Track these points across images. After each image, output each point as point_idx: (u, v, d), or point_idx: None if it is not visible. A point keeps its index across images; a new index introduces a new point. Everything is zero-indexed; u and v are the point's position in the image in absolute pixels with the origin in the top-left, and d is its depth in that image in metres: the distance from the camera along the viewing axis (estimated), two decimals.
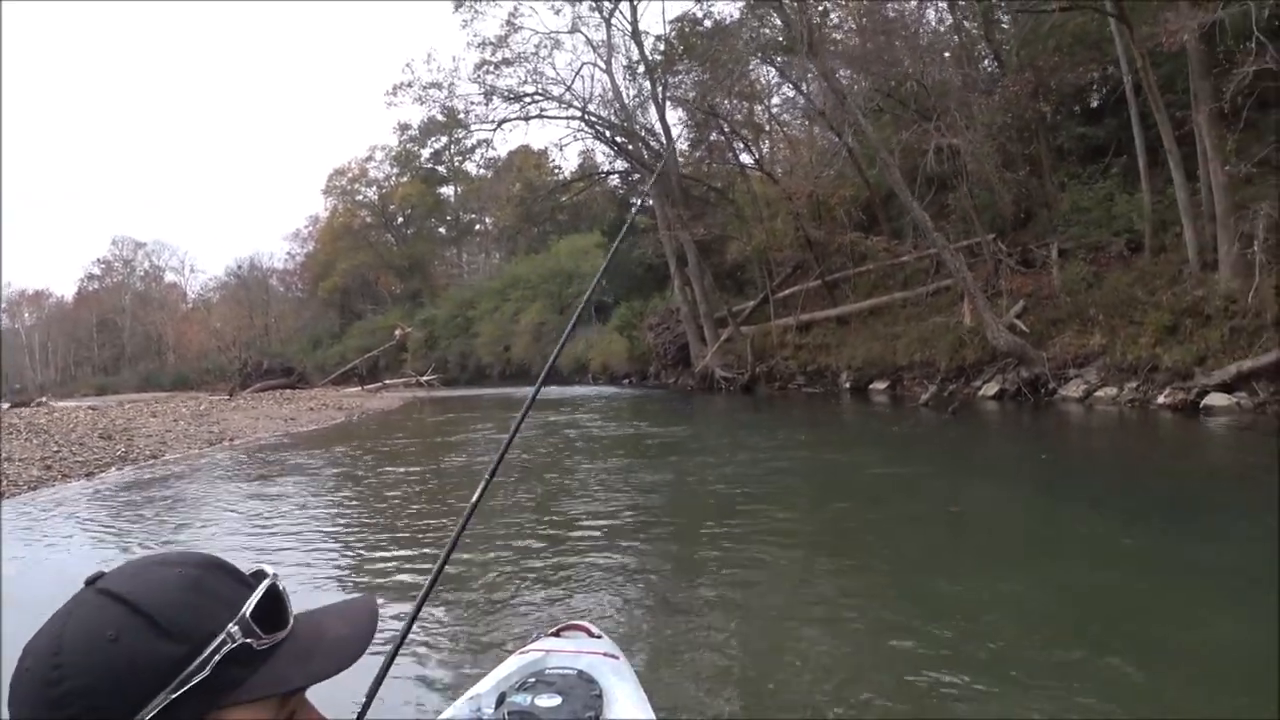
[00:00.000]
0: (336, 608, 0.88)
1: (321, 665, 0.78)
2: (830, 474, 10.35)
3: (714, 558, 6.27)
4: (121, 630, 0.70)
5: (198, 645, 0.72)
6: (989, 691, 3.65)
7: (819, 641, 4.48)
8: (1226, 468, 9.88)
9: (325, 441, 16.56)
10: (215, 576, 0.77)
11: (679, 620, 4.92)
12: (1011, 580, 5.43)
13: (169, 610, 0.72)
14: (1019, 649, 4.19)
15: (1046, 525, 7.07)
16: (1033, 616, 4.70)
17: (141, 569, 0.77)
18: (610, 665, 2.27)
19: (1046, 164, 20.87)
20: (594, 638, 2.53)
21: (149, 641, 0.70)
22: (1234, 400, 12.29)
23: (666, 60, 27.03)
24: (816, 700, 3.69)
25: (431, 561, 5.71)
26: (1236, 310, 13.19)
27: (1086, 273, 17.24)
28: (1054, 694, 3.60)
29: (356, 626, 0.84)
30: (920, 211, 16.66)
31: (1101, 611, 4.70)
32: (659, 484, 9.99)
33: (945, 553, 6.29)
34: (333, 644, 0.81)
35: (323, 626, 0.83)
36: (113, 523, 8.81)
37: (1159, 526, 6.73)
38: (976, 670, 3.86)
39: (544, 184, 36.78)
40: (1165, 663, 3.94)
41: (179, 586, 0.74)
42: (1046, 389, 15.79)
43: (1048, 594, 5.12)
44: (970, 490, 8.82)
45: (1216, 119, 13.68)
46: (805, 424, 16.69)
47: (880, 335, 21.31)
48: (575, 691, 2.06)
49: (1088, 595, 5.04)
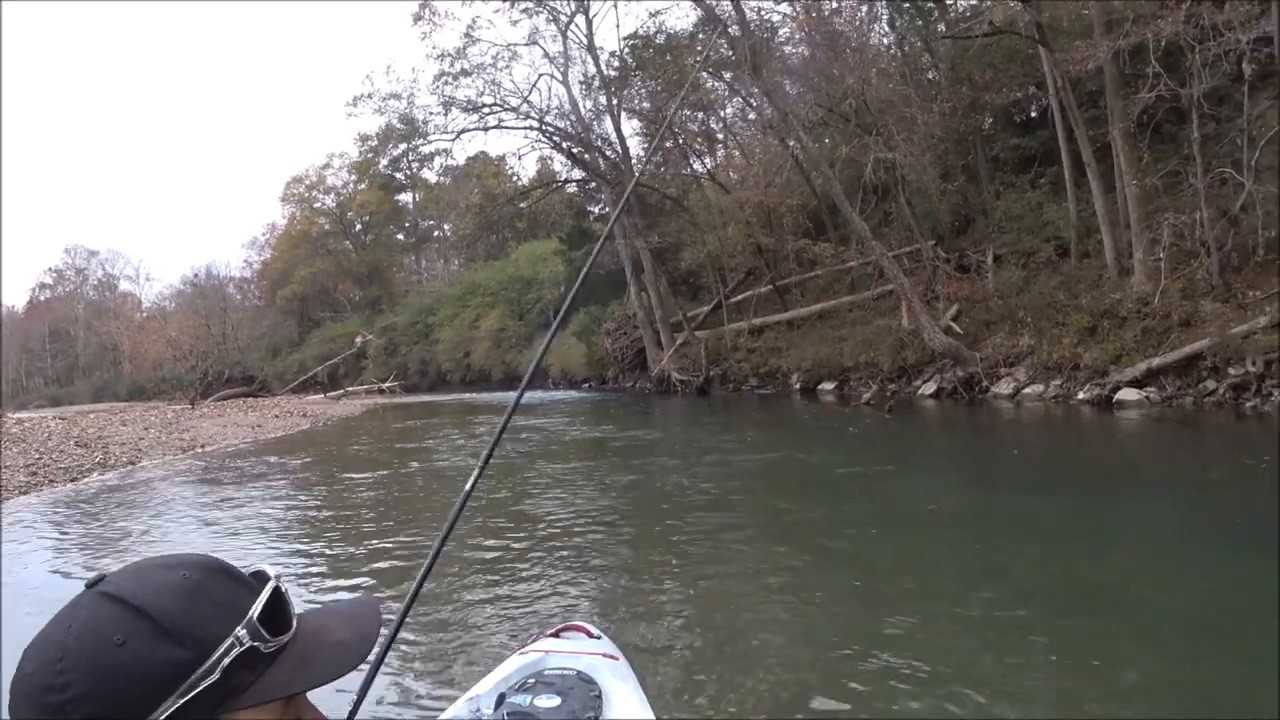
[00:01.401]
0: (338, 609, 0.89)
1: (326, 668, 0.79)
2: (783, 470, 10.91)
3: (683, 552, 6.52)
4: (128, 634, 0.70)
5: (206, 649, 0.72)
6: (960, 643, 4.32)
7: (784, 631, 4.78)
8: (1135, 454, 10.96)
9: (295, 447, 17.05)
10: (218, 579, 0.78)
11: (644, 610, 5.18)
12: (968, 555, 6.23)
13: (175, 614, 0.72)
14: (984, 611, 4.85)
15: (983, 508, 7.90)
16: (988, 584, 5.35)
17: (144, 572, 0.77)
18: (609, 666, 2.29)
19: (984, 173, 22.00)
20: (593, 638, 2.55)
21: (156, 645, 0.70)
22: (1144, 395, 13.35)
23: (621, 78, 27.84)
24: (813, 696, 3.80)
25: (420, 556, 6.30)
26: (1148, 312, 14.27)
27: (1018, 277, 18.30)
28: (1010, 640, 4.33)
29: (360, 629, 0.85)
30: (860, 222, 17.62)
31: (1042, 574, 5.56)
32: (626, 484, 10.35)
33: (897, 538, 6.82)
34: (336, 647, 0.81)
35: (325, 629, 0.83)
36: (105, 524, 9.25)
37: (1080, 503, 7.66)
38: (947, 632, 4.48)
39: (503, 192, 37.31)
40: (1107, 613, 4.74)
41: (184, 590, 0.74)
42: (980, 387, 16.75)
43: (995, 562, 5.93)
44: (913, 481, 9.56)
45: (1129, 135, 14.79)
46: (759, 424, 17.42)
47: (828, 338, 22.20)
48: (575, 692, 2.07)
49: (1026, 563, 5.86)
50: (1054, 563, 5.81)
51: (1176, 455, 10.38)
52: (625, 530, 7.70)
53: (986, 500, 8.24)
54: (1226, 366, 12.65)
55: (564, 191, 34.71)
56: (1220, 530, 6.35)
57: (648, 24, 28.31)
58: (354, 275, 58.20)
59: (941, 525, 7.14)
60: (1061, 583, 5.34)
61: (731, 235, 25.45)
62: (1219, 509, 7.07)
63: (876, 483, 9.37)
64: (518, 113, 29.28)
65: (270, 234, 62.86)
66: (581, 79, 30.01)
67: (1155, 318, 14.09)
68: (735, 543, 6.76)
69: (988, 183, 21.81)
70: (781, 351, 23.89)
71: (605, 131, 30.17)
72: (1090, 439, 12.33)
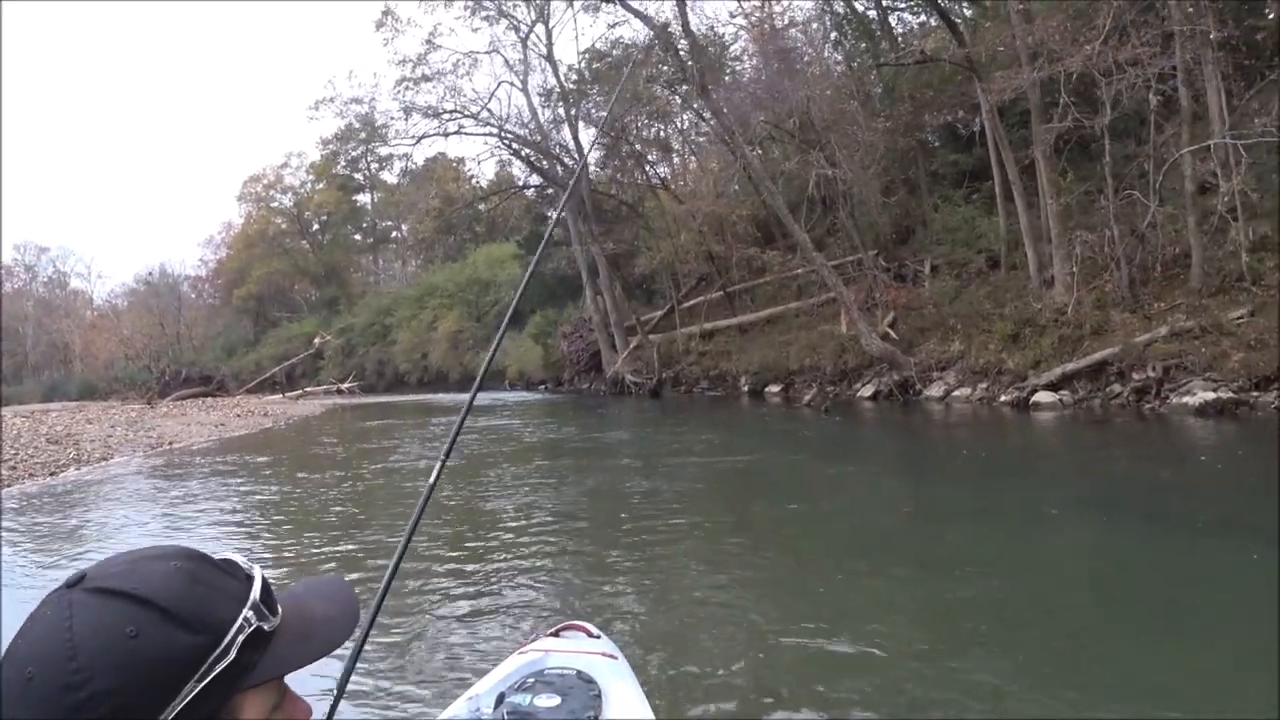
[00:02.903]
0: (310, 587, 0.91)
1: (320, 644, 0.83)
2: (742, 470, 11.50)
3: (643, 544, 6.86)
4: (140, 625, 0.72)
5: (217, 633, 0.75)
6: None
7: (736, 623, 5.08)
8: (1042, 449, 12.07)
9: (260, 445, 17.62)
10: (205, 567, 0.80)
11: (604, 605, 5.38)
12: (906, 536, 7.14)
13: (182, 602, 0.74)
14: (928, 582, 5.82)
15: (911, 498, 8.87)
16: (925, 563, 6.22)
17: (135, 565, 0.78)
18: (609, 665, 2.30)
19: (924, 186, 23.18)
20: (593, 638, 2.57)
21: (170, 634, 0.72)
22: (1057, 397, 14.46)
23: (578, 91, 28.69)
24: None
25: (385, 546, 6.89)
26: (1064, 321, 15.41)
27: (952, 287, 19.44)
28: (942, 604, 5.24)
29: (341, 605, 0.88)
30: (801, 234, 18.60)
31: (959, 548, 6.47)
32: (585, 483, 10.69)
33: (846, 527, 7.52)
34: (325, 622, 0.85)
35: (307, 607, 0.86)
36: (90, 516, 9.77)
37: (994, 488, 8.78)
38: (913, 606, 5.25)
39: (461, 196, 37.88)
40: (1013, 573, 5.72)
41: (181, 579, 0.76)
42: (913, 390, 17.80)
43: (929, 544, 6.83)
44: (852, 475, 10.50)
45: (1049, 157, 15.95)
46: (709, 424, 18.13)
47: (775, 342, 23.15)
48: (574, 692, 2.08)
49: (949, 541, 6.75)
50: (975, 536, 6.80)
51: (1076, 450, 11.53)
52: (589, 528, 7.93)
53: (923, 491, 9.26)
54: (1131, 372, 13.79)
55: (523, 196, 35.43)
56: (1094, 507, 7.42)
57: (605, 35, 29.17)
58: (311, 275, 58.18)
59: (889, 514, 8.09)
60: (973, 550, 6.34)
61: (684, 243, 26.40)
62: (1093, 490, 8.27)
63: (820, 480, 10.16)
64: (478, 119, 29.98)
65: (226, 233, 62.59)
66: (541, 88, 30.82)
67: (1070, 326, 15.23)
68: (697, 538, 7.16)
69: (927, 196, 22.97)
70: (731, 355, 24.78)
71: (564, 139, 31.02)
72: (1007, 437, 13.37)
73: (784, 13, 27.12)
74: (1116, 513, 7.22)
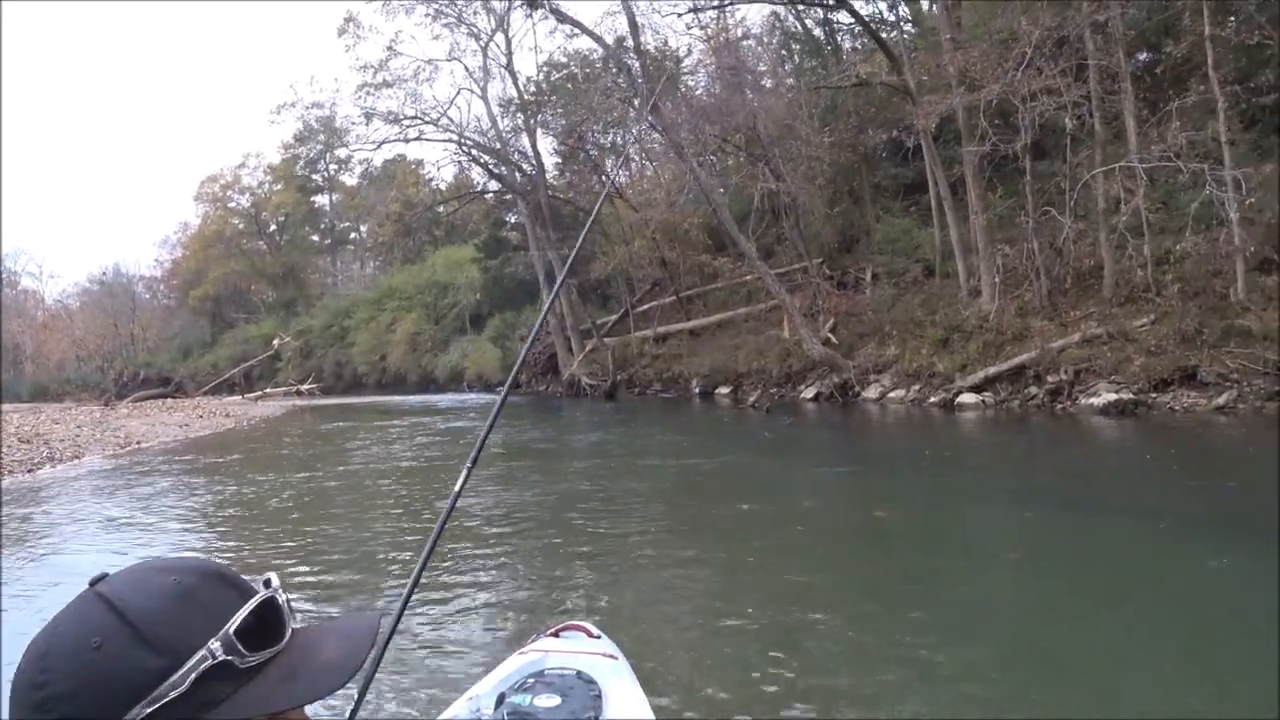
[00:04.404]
0: (337, 626, 0.88)
1: (307, 688, 0.78)
2: (682, 464, 12.38)
3: (633, 546, 7.06)
4: (106, 637, 0.71)
5: (179, 659, 0.72)
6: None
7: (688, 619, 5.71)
8: (973, 445, 13.14)
9: (225, 444, 18.18)
10: (212, 587, 0.78)
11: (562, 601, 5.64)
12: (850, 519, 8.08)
13: (154, 620, 0.73)
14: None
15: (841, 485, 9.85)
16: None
17: (136, 574, 0.78)
18: (609, 666, 2.31)
19: (867, 197, 24.33)
20: (593, 638, 2.56)
21: (131, 651, 0.71)
22: (980, 399, 15.58)
23: (536, 103, 29.50)
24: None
25: (369, 542, 7.55)
26: (989, 327, 16.56)
27: (890, 294, 20.57)
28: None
29: (351, 648, 0.83)
30: (746, 244, 19.61)
31: (891, 535, 7.45)
32: (555, 483, 10.88)
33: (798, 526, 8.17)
34: (322, 666, 0.80)
35: (318, 646, 0.83)
36: (82, 510, 10.25)
37: (920, 480, 9.80)
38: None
39: (421, 200, 38.40)
40: (946, 553, 6.66)
41: (170, 595, 0.75)
42: (853, 391, 18.85)
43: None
44: (792, 470, 11.49)
45: (976, 175, 17.10)
46: (663, 426, 18.83)
47: (725, 346, 24.09)
48: (574, 692, 2.08)
49: (877, 526, 7.79)
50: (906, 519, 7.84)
51: (995, 447, 12.66)
52: (579, 527, 8.05)
53: (880, 487, 10.27)
54: (1046, 375, 14.94)
55: (483, 201, 36.03)
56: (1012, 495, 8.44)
57: (563, 45, 29.98)
58: (268, 276, 57.98)
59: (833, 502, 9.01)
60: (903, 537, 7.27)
61: (639, 249, 27.31)
62: (1011, 480, 9.49)
63: (793, 479, 10.93)
64: (438, 126, 30.64)
65: (183, 233, 62.07)
66: (500, 98, 31.56)
67: (994, 333, 16.38)
68: (676, 536, 7.56)
69: (870, 206, 24.12)
70: (683, 358, 25.64)
71: (523, 146, 31.76)
72: (936, 435, 14.42)
73: (738, 25, 28.18)
74: (1033, 499, 8.29)
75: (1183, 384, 13.21)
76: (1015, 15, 15.32)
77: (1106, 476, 9.58)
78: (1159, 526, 6.68)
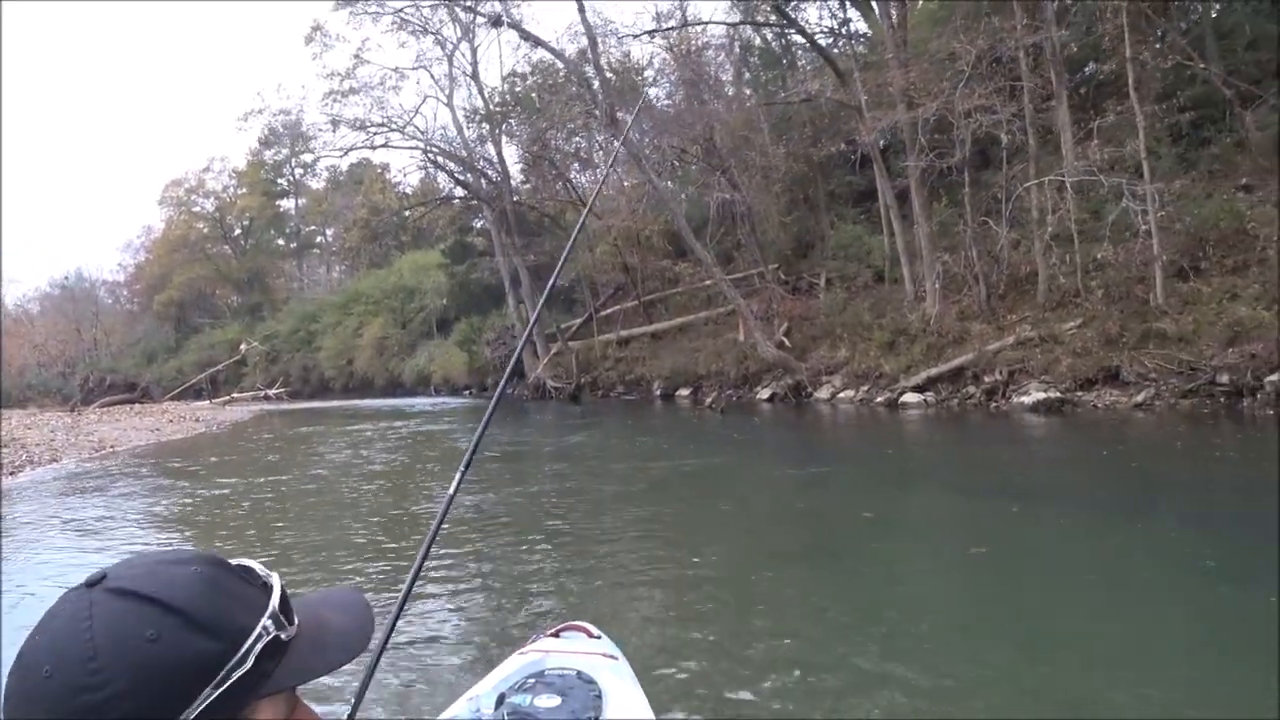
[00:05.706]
0: (325, 599, 0.91)
1: (336, 654, 0.83)
2: (660, 465, 12.57)
3: (630, 546, 7.15)
4: (161, 629, 0.72)
5: (235, 640, 0.76)
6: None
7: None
8: (916, 441, 13.99)
9: (196, 447, 18.62)
10: (224, 573, 0.81)
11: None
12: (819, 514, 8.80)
13: (203, 607, 0.75)
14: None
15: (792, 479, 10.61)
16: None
17: (154, 568, 0.79)
18: (609, 666, 2.31)
19: (822, 204, 25.25)
20: (593, 638, 2.57)
21: (189, 639, 0.73)
22: (921, 398, 16.48)
23: (501, 114, 30.15)
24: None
25: (354, 539, 8.06)
26: (932, 330, 17.47)
27: (841, 299, 21.47)
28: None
29: (356, 616, 0.88)
30: (702, 250, 20.42)
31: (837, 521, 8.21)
32: (529, 484, 11.05)
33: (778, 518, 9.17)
34: (340, 634, 0.85)
35: (323, 617, 0.87)
36: (64, 511, 10.62)
37: (862, 474, 10.58)
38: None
39: (388, 206, 38.82)
40: (894, 538, 7.29)
41: (202, 584, 0.77)
42: (805, 392, 19.69)
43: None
44: (754, 466, 12.22)
45: (920, 186, 18.03)
46: (628, 426, 19.43)
47: (685, 349, 24.82)
48: (575, 692, 2.09)
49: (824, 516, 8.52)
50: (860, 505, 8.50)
51: (935, 443, 13.55)
52: (565, 527, 8.19)
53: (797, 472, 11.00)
54: (983, 375, 15.86)
55: (450, 206, 36.53)
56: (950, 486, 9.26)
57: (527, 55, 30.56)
58: (233, 281, 57.90)
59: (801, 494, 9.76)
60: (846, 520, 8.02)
61: (601, 255, 28.04)
62: (950, 473, 10.40)
63: (744, 480, 11.54)
64: (404, 133, 31.16)
65: (146, 237, 61.75)
66: (466, 106, 32.13)
67: (936, 335, 17.29)
68: (660, 532, 7.76)
69: (825, 213, 25.05)
70: (645, 361, 26.36)
71: (488, 153, 32.33)
72: (881, 432, 15.26)
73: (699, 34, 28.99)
74: (968, 490, 9.09)
75: (1106, 383, 14.17)
76: (953, 36, 16.24)
77: (1034, 468, 10.46)
78: (1081, 512, 7.47)
